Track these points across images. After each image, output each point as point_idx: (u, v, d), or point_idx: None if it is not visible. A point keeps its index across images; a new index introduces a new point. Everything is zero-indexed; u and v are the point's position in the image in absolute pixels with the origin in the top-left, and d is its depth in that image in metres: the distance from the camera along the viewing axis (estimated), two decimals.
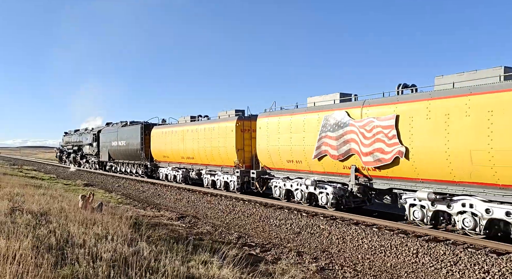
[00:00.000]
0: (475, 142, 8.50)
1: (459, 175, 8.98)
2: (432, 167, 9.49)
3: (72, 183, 22.69)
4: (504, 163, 8.03)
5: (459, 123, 8.83)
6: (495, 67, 8.80)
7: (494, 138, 8.17)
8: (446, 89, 9.42)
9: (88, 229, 7.10)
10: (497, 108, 8.13)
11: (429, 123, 9.45)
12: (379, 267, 7.64)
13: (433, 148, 9.34)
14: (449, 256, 7.87)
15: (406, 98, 10.27)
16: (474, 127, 8.53)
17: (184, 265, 5.60)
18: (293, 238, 10.02)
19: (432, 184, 9.66)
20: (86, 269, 4.51)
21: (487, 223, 8.60)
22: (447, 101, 9.13)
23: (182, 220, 12.03)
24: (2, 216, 7.36)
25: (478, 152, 8.45)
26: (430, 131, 9.41)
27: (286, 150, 13.93)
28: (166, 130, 22.86)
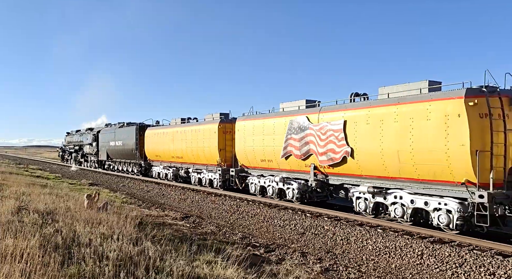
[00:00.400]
0: (401, 144, 10.20)
1: (391, 171, 10.62)
2: (372, 165, 11.15)
3: (77, 183, 22.85)
4: (421, 161, 9.79)
5: (389, 128, 10.51)
6: (422, 80, 10.40)
7: (414, 141, 9.89)
8: (381, 99, 11.24)
9: (93, 228, 7.15)
10: (415, 116, 9.87)
11: (368, 127, 11.11)
12: (383, 268, 7.62)
13: (372, 149, 10.99)
14: (454, 258, 7.83)
15: (351, 106, 12.07)
16: (400, 131, 10.23)
17: (189, 264, 5.62)
18: (297, 238, 10.02)
19: (372, 180, 11.29)
20: (93, 268, 4.55)
21: (412, 211, 10.23)
22: (381, 109, 10.84)
23: (186, 220, 12.07)
24: (9, 215, 7.43)
25: (403, 152, 10.16)
26: (369, 134, 11.07)
27: (259, 150, 15.61)
28: (158, 131, 24.47)
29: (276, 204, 14.18)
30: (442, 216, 9.48)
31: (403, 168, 10.24)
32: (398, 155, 10.27)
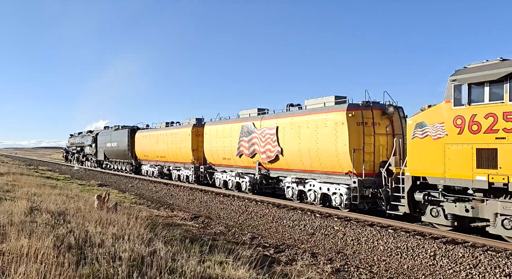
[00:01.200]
0: (311, 145, 13.44)
1: (306, 166, 13.88)
2: (294, 161, 14.40)
3: (86, 183, 23.03)
4: (324, 158, 13.00)
5: (304, 132, 13.73)
6: (330, 96, 13.39)
7: (318, 142, 13.09)
8: (300, 110, 14.84)
9: (104, 228, 7.19)
10: (319, 124, 13.13)
11: (292, 132, 14.35)
12: (395, 269, 7.54)
13: (294, 148, 14.24)
14: (468, 259, 7.71)
15: (282, 115, 15.34)
16: (310, 135, 13.46)
17: (200, 265, 5.62)
18: (307, 239, 9.97)
19: (296, 172, 14.53)
20: (107, 268, 4.56)
21: (321, 196, 13.36)
22: (300, 118, 14.10)
23: (195, 220, 12.08)
24: (22, 216, 7.50)
25: (312, 151, 13.41)
26: (292, 137, 14.29)
27: (221, 150, 18.70)
28: (146, 134, 27.73)
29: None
30: (337, 198, 12.62)
31: (313, 163, 13.56)
32: (309, 153, 13.57)
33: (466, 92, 8.71)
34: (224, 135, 18.36)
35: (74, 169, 37.07)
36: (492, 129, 8.24)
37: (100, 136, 36.37)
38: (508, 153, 7.97)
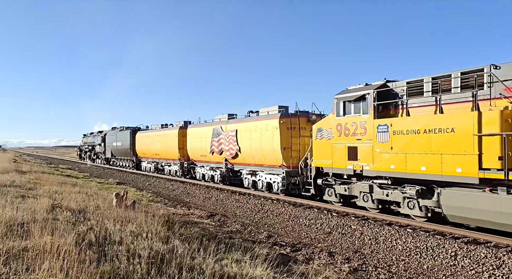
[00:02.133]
0: (259, 144, 17.05)
1: (257, 161, 17.54)
2: (248, 157, 18.15)
3: (105, 182, 23.48)
4: (267, 155, 16.63)
5: (254, 134, 17.45)
6: (274, 105, 17.08)
7: (262, 143, 16.80)
8: (251, 116, 18.71)
9: (123, 226, 7.30)
10: (263, 128, 16.81)
11: (246, 134, 18.09)
12: (415, 269, 7.40)
13: (247, 147, 17.98)
14: (491, 259, 7.50)
15: (240, 120, 19.30)
16: (258, 137, 17.16)
17: (217, 263, 5.64)
18: (324, 238, 9.90)
19: (250, 166, 18.32)
20: (127, 266, 4.63)
21: (266, 184, 17.14)
22: (251, 123, 17.94)
23: (211, 218, 12.15)
24: (44, 213, 7.70)
25: (259, 149, 17.08)
26: (246, 139, 18.04)
27: (199, 148, 22.82)
28: (145, 134, 31.58)
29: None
30: (275, 186, 16.54)
31: (260, 158, 17.29)
32: (257, 151, 17.32)
33: (342, 107, 12.31)
34: (201, 136, 22.49)
35: (87, 166, 40.84)
36: (354, 133, 11.89)
37: (107, 137, 40.54)
38: (362, 150, 11.64)
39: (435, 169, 9.52)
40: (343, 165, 12.29)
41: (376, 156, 11.14)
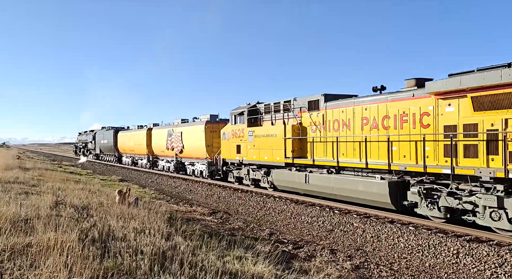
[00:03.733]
0: (193, 143, 23.54)
1: (193, 155, 23.77)
2: (189, 152, 24.44)
3: (107, 179, 23.59)
4: (198, 150, 22.85)
5: (191, 135, 23.87)
6: (206, 114, 23.34)
7: (195, 141, 23.13)
8: (191, 122, 25.22)
9: (126, 223, 7.34)
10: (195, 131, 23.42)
11: (187, 135, 24.56)
12: (417, 267, 7.41)
13: (187, 145, 24.37)
14: (493, 257, 7.49)
15: (184, 125, 25.93)
16: (193, 137, 23.61)
17: (219, 260, 5.67)
18: (326, 235, 9.91)
19: (191, 159, 24.49)
20: (129, 262, 4.66)
21: (198, 171, 23.40)
22: (190, 127, 24.46)
23: (214, 216, 12.19)
24: (48, 209, 7.76)
25: (194, 146, 23.38)
26: (187, 138, 24.49)
27: (159, 145, 29.34)
28: (124, 133, 37.98)
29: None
30: (203, 172, 22.78)
31: (195, 153, 23.55)
32: (193, 148, 23.62)
33: (233, 119, 18.45)
34: (161, 136, 28.92)
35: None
36: (239, 136, 17.82)
37: (97, 135, 46.37)
38: (242, 147, 17.59)
39: (270, 158, 15.77)
40: (234, 157, 18.47)
41: (248, 151, 17.29)
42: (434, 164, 9.85)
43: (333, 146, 12.94)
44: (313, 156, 13.82)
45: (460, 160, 9.36)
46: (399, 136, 10.82)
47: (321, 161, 13.41)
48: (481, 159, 8.93)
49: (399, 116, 10.89)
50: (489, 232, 8.98)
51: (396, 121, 10.97)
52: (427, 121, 10.15)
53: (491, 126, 8.75)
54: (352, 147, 12.40)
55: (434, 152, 9.93)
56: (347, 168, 12.65)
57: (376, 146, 11.52)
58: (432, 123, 10.02)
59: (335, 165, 12.78)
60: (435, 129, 9.92)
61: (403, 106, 10.78)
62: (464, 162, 9.26)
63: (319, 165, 13.60)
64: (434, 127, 9.97)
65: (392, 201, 10.55)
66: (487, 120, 8.79)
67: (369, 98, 11.99)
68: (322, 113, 13.58)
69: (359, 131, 12.14)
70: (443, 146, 9.65)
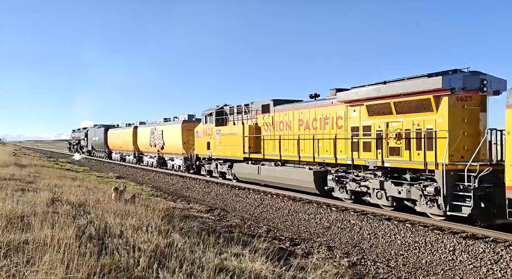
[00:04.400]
0: (172, 140, 26.54)
1: (172, 151, 26.51)
2: (169, 148, 27.21)
3: (104, 176, 23.51)
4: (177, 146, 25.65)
5: (171, 133, 26.79)
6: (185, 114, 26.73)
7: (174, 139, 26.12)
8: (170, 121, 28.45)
9: (123, 220, 7.32)
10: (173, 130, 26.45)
11: (167, 133, 27.47)
12: (413, 264, 7.44)
13: (168, 142, 27.34)
14: (489, 254, 7.54)
15: (163, 124, 28.78)
16: (172, 135, 26.71)
17: (217, 257, 5.67)
18: (323, 232, 9.94)
19: (171, 155, 27.12)
20: (127, 259, 4.65)
21: (178, 166, 26.02)
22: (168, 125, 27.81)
23: (211, 213, 12.19)
24: (44, 206, 7.72)
25: (173, 143, 26.19)
26: (167, 136, 27.27)
27: (143, 142, 32.12)
28: (114, 131, 40.40)
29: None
30: (181, 167, 25.14)
31: (174, 149, 26.25)
32: (172, 144, 26.29)
33: (204, 119, 21.02)
34: (145, 134, 31.69)
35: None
36: (209, 134, 20.19)
37: (89, 132, 49.03)
38: (211, 144, 20.01)
39: (233, 153, 18.20)
40: (205, 152, 20.99)
41: (216, 147, 19.71)
42: (345, 157, 12.44)
43: (279, 143, 15.42)
44: (263, 151, 16.38)
45: (360, 153, 11.91)
46: (322, 135, 13.48)
47: (270, 156, 16.09)
48: (373, 152, 11.48)
49: (323, 119, 13.61)
50: (485, 229, 9.04)
51: (321, 123, 13.69)
52: (340, 124, 12.85)
53: (378, 128, 11.36)
54: (292, 144, 14.94)
55: (345, 147, 12.58)
56: (289, 161, 15.19)
57: (308, 143, 14.03)
58: (344, 125, 12.69)
59: (279, 158, 15.51)
60: (346, 130, 12.55)
61: (325, 111, 13.50)
62: (363, 155, 11.81)
63: (269, 159, 16.24)
64: (345, 128, 12.63)
65: (316, 187, 13.33)
66: (376, 123, 11.44)
67: (304, 104, 14.79)
68: (271, 115, 16.20)
69: (297, 131, 14.77)
70: (350, 142, 12.08)
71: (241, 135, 17.31)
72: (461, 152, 9.73)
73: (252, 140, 17.14)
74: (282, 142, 15.31)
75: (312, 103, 14.33)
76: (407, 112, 10.58)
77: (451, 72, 9.77)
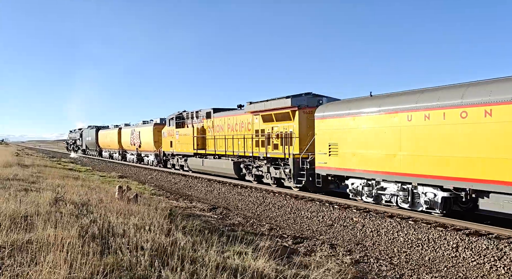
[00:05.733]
0: (147, 139, 32.28)
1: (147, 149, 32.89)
2: (145, 147, 33.16)
3: (107, 175, 23.58)
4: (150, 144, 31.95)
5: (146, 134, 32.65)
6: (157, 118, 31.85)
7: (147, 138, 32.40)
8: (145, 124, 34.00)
9: (126, 219, 7.34)
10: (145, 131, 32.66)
11: (142, 134, 33.17)
12: (416, 261, 7.43)
13: (144, 141, 33.04)
14: (492, 251, 7.52)
15: (141, 126, 34.55)
16: (146, 135, 32.39)
17: (220, 255, 5.68)
18: (326, 230, 9.94)
19: (146, 152, 33.59)
20: (130, 258, 4.66)
21: (151, 162, 32.42)
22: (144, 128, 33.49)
23: (213, 211, 12.21)
24: (47, 206, 7.74)
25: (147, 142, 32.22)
26: (143, 136, 33.08)
27: (126, 141, 37.35)
28: (103, 132, 45.63)
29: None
30: (154, 162, 31.35)
31: (148, 147, 32.08)
32: (147, 143, 31.96)
33: (169, 122, 26.19)
34: (127, 134, 37.14)
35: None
36: (171, 135, 25.64)
37: (83, 133, 54.09)
38: (173, 142, 25.71)
39: (187, 150, 23.31)
40: (169, 149, 26.30)
41: (176, 145, 25.00)
42: (250, 151, 17.37)
43: (220, 142, 20.14)
44: (207, 148, 21.60)
45: (260, 148, 16.83)
46: (238, 135, 18.49)
47: (211, 151, 21.20)
48: (265, 147, 16.37)
49: (239, 124, 18.69)
50: (488, 226, 9.01)
51: (239, 127, 18.73)
52: (249, 127, 17.77)
53: (268, 131, 16.33)
54: (223, 142, 19.63)
55: (251, 144, 17.35)
56: (221, 155, 20.16)
57: (231, 141, 18.94)
58: (251, 128, 17.58)
59: (214, 153, 20.80)
60: (252, 132, 17.48)
61: (241, 118, 18.50)
62: (260, 149, 16.77)
63: (210, 154, 21.36)
64: (252, 131, 17.51)
65: (235, 173, 18.62)
66: (267, 127, 16.44)
67: (231, 112, 19.84)
68: (212, 120, 21.33)
69: (226, 133, 19.83)
70: (254, 141, 17.15)
71: (192, 136, 22.57)
72: (305, 147, 14.28)
73: (199, 139, 22.22)
74: (217, 140, 20.46)
75: (236, 111, 19.28)
76: (281, 121, 15.57)
77: (303, 94, 14.91)
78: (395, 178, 10.54)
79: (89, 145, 51.26)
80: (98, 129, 46.95)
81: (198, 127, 22.37)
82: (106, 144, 43.92)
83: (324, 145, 13.01)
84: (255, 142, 16.99)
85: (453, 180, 9.03)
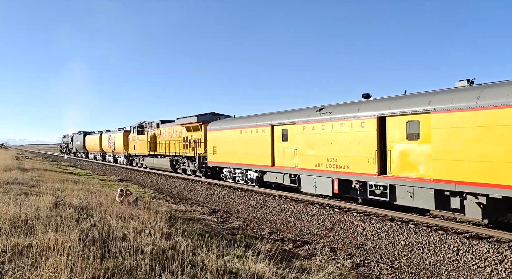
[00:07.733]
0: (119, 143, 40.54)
1: (119, 150, 41.03)
2: (118, 149, 41.00)
3: (107, 179, 23.55)
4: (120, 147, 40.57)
5: (117, 139, 40.51)
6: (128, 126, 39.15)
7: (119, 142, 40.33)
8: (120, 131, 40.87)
9: (126, 223, 7.33)
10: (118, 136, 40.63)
11: (116, 139, 40.85)
12: (417, 264, 7.42)
13: (117, 145, 40.84)
14: (493, 254, 7.51)
15: (116, 132, 42.11)
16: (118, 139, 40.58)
17: (220, 259, 5.67)
18: (326, 234, 9.92)
19: (119, 153, 41.14)
20: (130, 261, 4.65)
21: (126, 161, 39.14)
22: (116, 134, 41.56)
23: (214, 215, 12.18)
24: (48, 210, 7.74)
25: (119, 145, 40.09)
26: (116, 141, 40.82)
27: (105, 145, 44.56)
28: (89, 137, 52.48)
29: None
30: (124, 161, 39.19)
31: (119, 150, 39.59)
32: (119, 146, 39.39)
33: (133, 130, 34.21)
34: (106, 139, 43.35)
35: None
36: (134, 140, 34.93)
37: (74, 137, 60.92)
38: (136, 145, 33.71)
39: (143, 152, 31.46)
40: (133, 151, 33.19)
41: (137, 148, 32.81)
42: (183, 151, 24.26)
43: (164, 145, 27.22)
44: (157, 150, 28.75)
45: (185, 150, 23.92)
46: (175, 140, 25.38)
47: (158, 152, 28.35)
48: (189, 149, 23.59)
49: (175, 132, 25.76)
50: (489, 229, 9.00)
51: (174, 134, 25.79)
52: (182, 136, 24.60)
53: (188, 137, 23.73)
54: (168, 146, 26.37)
55: (179, 147, 24.64)
56: (165, 155, 27.24)
57: (169, 145, 26.19)
58: (181, 136, 24.64)
59: (162, 154, 27.63)
60: (181, 139, 24.52)
61: (175, 128, 25.68)
62: (186, 151, 23.90)
63: (158, 154, 28.58)
64: (181, 138, 24.61)
65: (171, 168, 26.35)
66: (188, 135, 23.68)
67: (172, 124, 26.46)
68: (160, 129, 28.60)
69: (167, 139, 26.95)
70: (183, 145, 24.11)
71: (147, 141, 30.30)
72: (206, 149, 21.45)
73: (151, 144, 29.74)
74: (162, 144, 27.77)
75: (173, 123, 26.25)
76: (194, 131, 23.02)
77: (208, 113, 22.39)
78: (240, 166, 18.35)
79: (78, 148, 58.69)
80: (85, 135, 54.14)
81: (151, 134, 29.95)
82: (92, 147, 51.04)
83: (210, 147, 20.67)
84: (182, 145, 24.38)
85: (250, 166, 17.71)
